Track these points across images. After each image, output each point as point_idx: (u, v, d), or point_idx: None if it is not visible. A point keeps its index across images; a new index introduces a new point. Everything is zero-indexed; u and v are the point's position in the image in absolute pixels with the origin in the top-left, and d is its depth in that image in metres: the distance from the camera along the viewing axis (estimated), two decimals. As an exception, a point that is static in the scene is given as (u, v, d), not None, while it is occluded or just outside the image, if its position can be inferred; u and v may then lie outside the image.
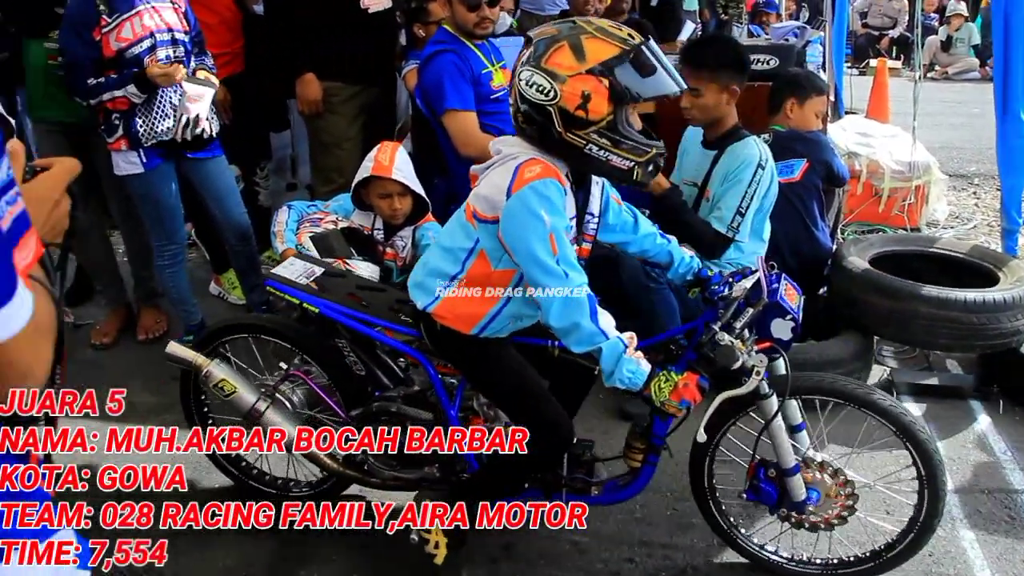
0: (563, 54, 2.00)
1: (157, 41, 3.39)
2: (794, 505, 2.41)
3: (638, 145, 2.06)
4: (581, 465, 2.53)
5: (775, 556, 2.57)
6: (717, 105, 3.23)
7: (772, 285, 2.28)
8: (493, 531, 2.71)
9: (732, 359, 2.10)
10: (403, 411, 2.56)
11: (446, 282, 2.25)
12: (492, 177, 2.13)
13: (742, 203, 3.16)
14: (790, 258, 3.64)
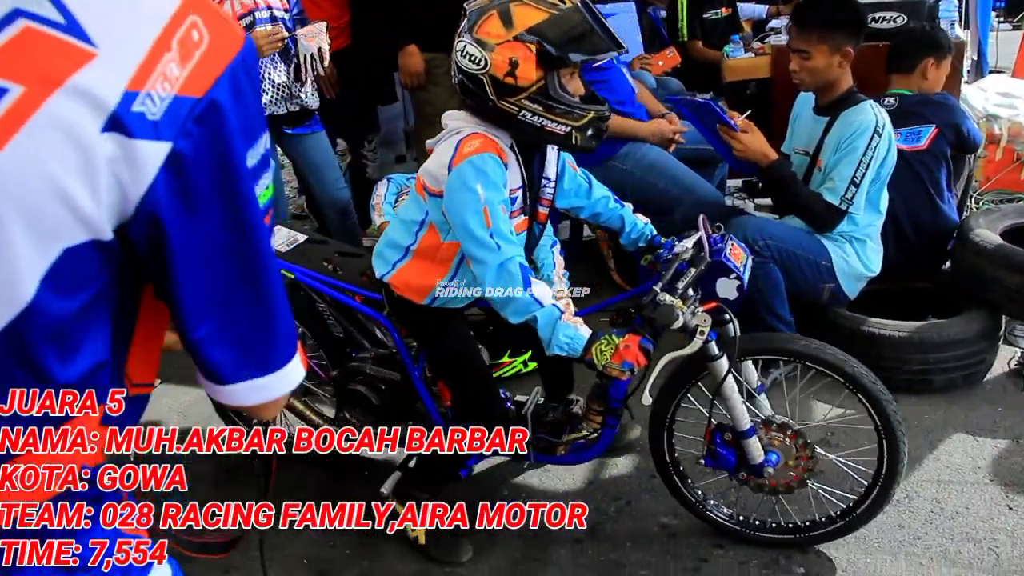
0: (492, 22, 2.02)
1: (256, 19, 3.45)
2: (753, 468, 2.37)
3: (572, 109, 2.06)
4: (544, 425, 2.58)
5: (744, 522, 2.52)
6: (828, 68, 3.03)
7: (716, 245, 2.28)
8: (579, 511, 2.69)
9: (671, 318, 2.07)
10: (374, 372, 2.65)
11: (400, 253, 2.32)
12: (437, 151, 2.18)
13: (856, 173, 2.95)
14: (911, 231, 3.40)
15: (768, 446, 2.37)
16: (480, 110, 2.12)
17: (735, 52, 4.71)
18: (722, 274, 2.25)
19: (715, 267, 2.24)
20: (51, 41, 0.67)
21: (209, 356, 0.83)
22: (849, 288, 3.14)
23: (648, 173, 3.64)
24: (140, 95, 0.68)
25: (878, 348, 3.11)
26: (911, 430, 2.90)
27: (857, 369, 2.31)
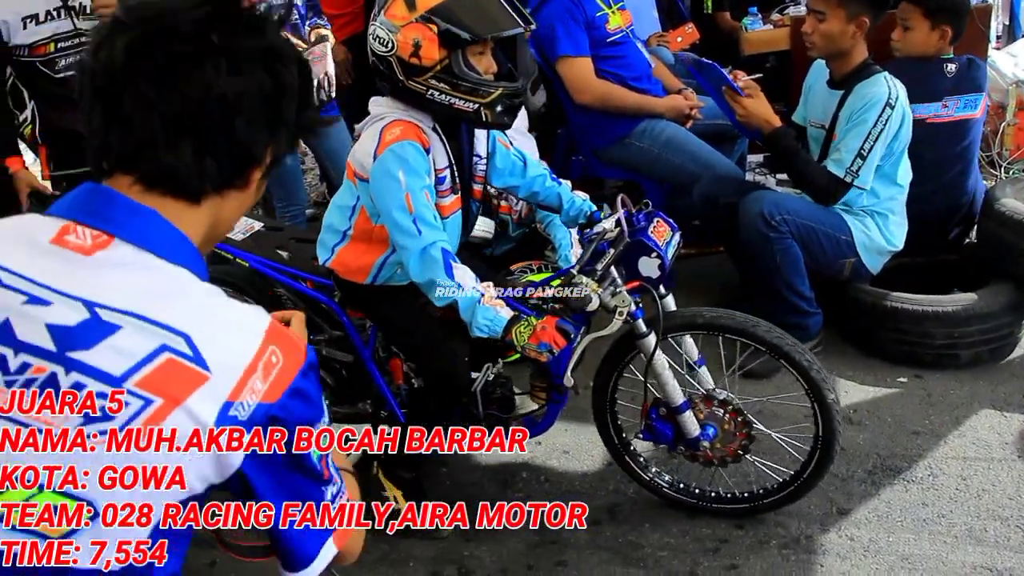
0: (397, 5, 2.06)
1: (271, 4, 3.43)
2: (689, 442, 2.41)
3: (477, 86, 2.10)
4: (494, 401, 2.61)
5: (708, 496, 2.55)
6: (841, 35, 2.95)
7: (640, 223, 2.29)
8: (597, 493, 2.68)
9: (584, 301, 2.09)
10: (328, 354, 2.69)
11: (338, 237, 2.38)
12: (363, 138, 2.22)
13: (863, 145, 2.88)
14: (941, 203, 3.32)
15: (706, 420, 2.41)
16: (394, 92, 2.16)
17: (753, 24, 4.64)
18: (643, 253, 2.26)
19: (636, 246, 2.26)
20: (182, 368, 0.97)
21: (292, 538, 1.13)
22: (871, 263, 3.08)
23: (665, 150, 3.59)
24: (235, 404, 0.99)
25: (901, 323, 3.06)
26: (935, 405, 2.87)
27: (793, 347, 2.32)
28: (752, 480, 2.56)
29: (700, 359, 2.47)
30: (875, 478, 2.62)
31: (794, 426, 2.53)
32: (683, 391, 2.39)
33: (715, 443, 2.42)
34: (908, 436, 2.77)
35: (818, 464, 2.38)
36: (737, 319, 2.36)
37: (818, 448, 2.36)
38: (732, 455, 2.43)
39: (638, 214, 2.33)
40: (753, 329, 2.33)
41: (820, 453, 2.36)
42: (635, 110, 3.61)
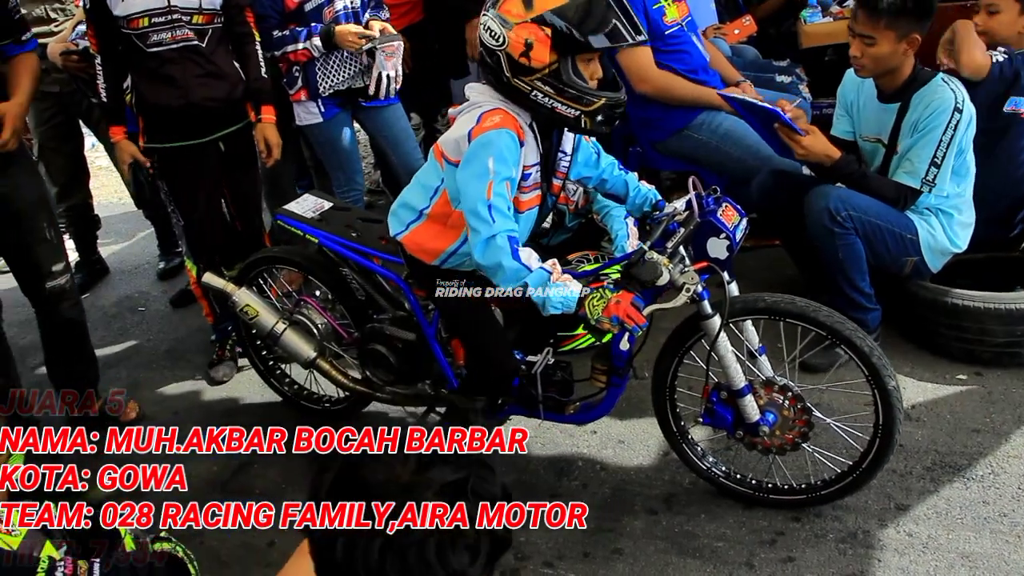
0: (514, 2, 2.08)
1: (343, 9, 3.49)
2: (749, 427, 2.41)
3: (583, 94, 2.12)
4: (554, 384, 2.64)
5: (764, 487, 2.56)
6: (892, 55, 2.87)
7: (709, 206, 2.32)
8: (653, 483, 2.70)
9: (654, 274, 2.12)
10: (392, 333, 2.80)
11: (415, 215, 2.43)
12: (459, 122, 2.25)
13: (936, 153, 2.84)
14: (1003, 200, 3.26)
15: (766, 406, 2.41)
16: (496, 84, 2.18)
17: (813, 17, 4.59)
18: (712, 234, 2.29)
19: (706, 227, 2.29)
20: None
21: None
22: (933, 263, 3.04)
23: (723, 142, 3.59)
24: None
25: (962, 320, 3.01)
26: (996, 403, 2.84)
27: (854, 332, 2.32)
28: (809, 471, 2.55)
29: (761, 347, 2.47)
30: (934, 475, 2.60)
31: (852, 416, 2.53)
32: (744, 376, 2.40)
33: (774, 430, 2.42)
34: (968, 434, 2.74)
35: (877, 454, 2.37)
36: (798, 304, 2.37)
37: (878, 437, 2.35)
38: (791, 443, 2.43)
39: (707, 197, 2.35)
40: (814, 314, 2.34)
41: (880, 442, 2.35)
42: (694, 101, 3.60)
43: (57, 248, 3.15)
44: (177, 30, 3.11)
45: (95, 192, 4.78)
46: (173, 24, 3.10)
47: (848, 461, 2.47)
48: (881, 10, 2.82)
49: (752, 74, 4.12)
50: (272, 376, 3.32)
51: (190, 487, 2.92)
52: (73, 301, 3.25)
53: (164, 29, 3.09)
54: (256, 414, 3.38)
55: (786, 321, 2.40)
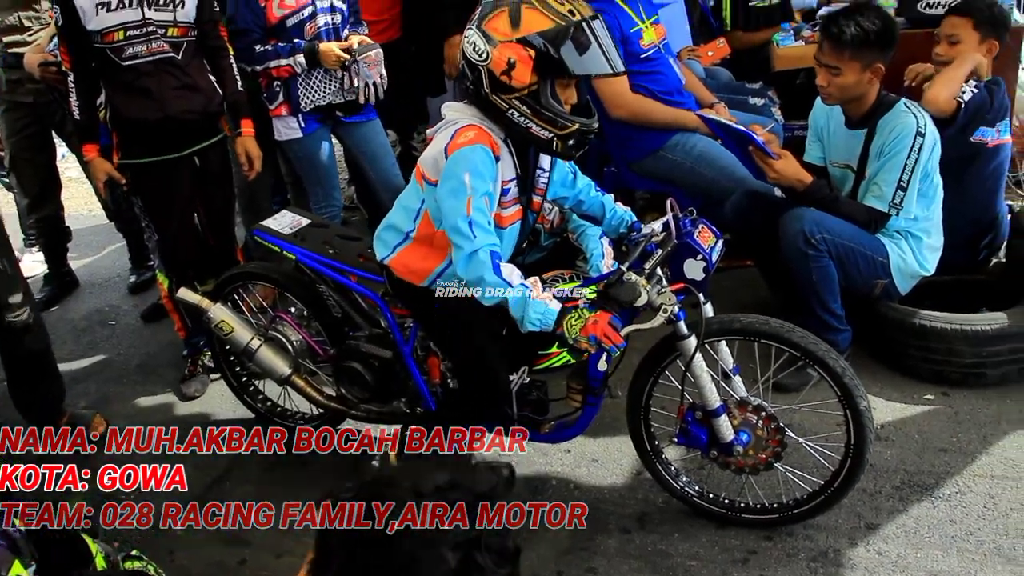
0: (501, 19, 2.09)
1: (317, 8, 3.50)
2: (723, 447, 2.44)
3: (557, 118, 2.14)
4: (529, 403, 2.67)
5: (737, 507, 2.58)
6: (857, 84, 2.96)
7: (686, 228, 2.35)
8: (626, 502, 2.71)
9: (633, 295, 2.15)
10: (368, 350, 2.79)
11: (400, 237, 2.45)
12: (435, 141, 2.26)
13: (902, 177, 2.91)
14: (970, 224, 3.34)
15: (740, 426, 2.44)
16: (475, 98, 2.20)
17: (785, 40, 4.65)
18: (689, 256, 2.32)
19: (683, 249, 2.33)
20: None
21: None
22: (902, 285, 3.10)
23: (697, 163, 3.63)
24: None
25: (929, 341, 3.07)
26: (962, 423, 2.89)
27: (827, 353, 2.36)
28: (781, 491, 2.58)
29: (735, 368, 2.50)
30: (903, 494, 2.64)
31: (824, 436, 2.57)
32: (718, 396, 2.42)
33: (748, 450, 2.45)
34: (935, 453, 2.79)
35: (849, 473, 2.41)
36: (772, 325, 2.40)
37: (849, 456, 2.39)
38: (764, 463, 2.46)
39: (684, 219, 2.38)
40: (788, 335, 2.37)
41: (851, 462, 2.39)
42: (669, 124, 3.65)
43: (12, 279, 3.06)
44: (152, 43, 3.10)
45: (65, 203, 4.72)
46: (148, 37, 3.09)
47: (819, 481, 2.50)
48: (845, 42, 2.90)
49: (725, 96, 4.18)
50: (245, 392, 3.31)
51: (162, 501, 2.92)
52: (35, 333, 3.17)
53: (139, 42, 3.08)
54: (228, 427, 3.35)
55: (760, 342, 2.43)
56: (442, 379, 2.72)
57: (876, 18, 2.93)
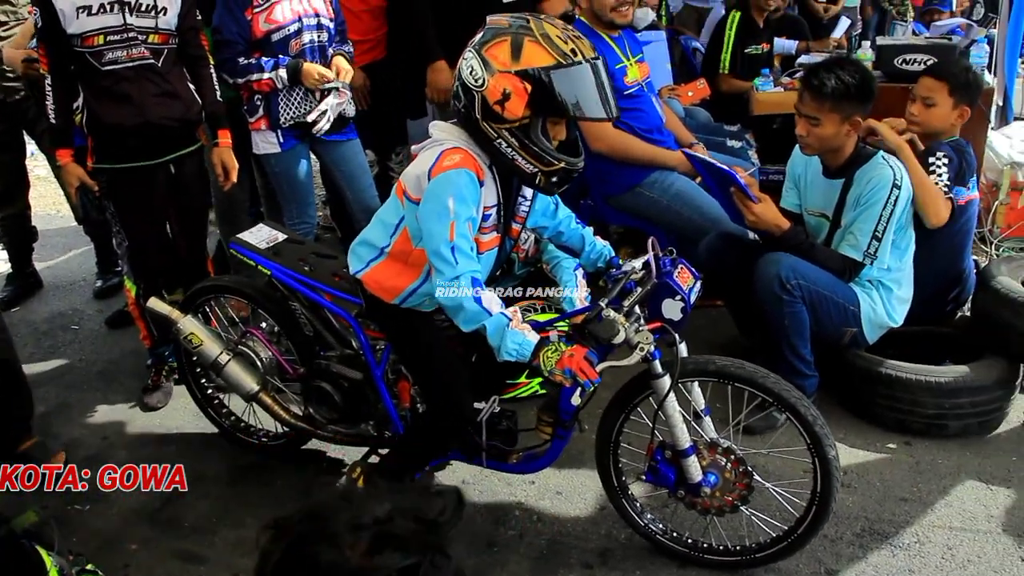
0: (501, 48, 2.07)
1: (304, 25, 3.49)
2: (691, 487, 2.44)
3: (544, 154, 2.14)
4: (498, 433, 2.66)
5: (700, 547, 2.58)
6: (836, 136, 3.02)
7: (665, 267, 2.37)
8: (589, 537, 2.71)
9: (611, 332, 2.14)
10: (338, 371, 2.76)
11: (375, 253, 2.42)
12: (420, 158, 2.25)
13: (877, 227, 2.97)
14: (937, 278, 3.39)
15: (708, 468, 2.44)
16: (465, 121, 2.18)
17: (764, 85, 4.74)
18: (668, 295, 2.34)
19: (662, 288, 2.34)
20: None
21: None
22: (870, 334, 3.16)
23: (674, 201, 3.67)
24: None
25: (894, 390, 3.12)
26: (923, 473, 2.93)
27: (799, 400, 2.37)
28: (744, 534, 2.59)
29: (706, 409, 2.51)
30: (863, 541, 2.66)
31: (790, 481, 2.58)
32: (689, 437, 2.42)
33: (715, 491, 2.45)
34: (896, 502, 2.82)
35: (813, 520, 2.42)
36: (747, 369, 2.41)
37: (815, 504, 2.40)
38: (730, 505, 2.46)
39: (664, 259, 2.39)
40: (762, 380, 2.38)
41: (817, 509, 2.40)
42: (647, 161, 3.69)
43: None
44: (133, 48, 3.08)
45: (33, 203, 4.65)
46: (129, 43, 3.08)
47: (784, 526, 2.51)
48: (825, 94, 2.96)
49: (704, 136, 4.24)
50: (210, 406, 3.26)
51: (118, 517, 2.87)
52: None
53: (120, 47, 3.07)
54: (189, 443, 3.31)
55: (734, 385, 2.44)
56: (412, 403, 2.71)
57: (856, 72, 2.99)
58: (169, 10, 3.15)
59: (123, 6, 3.04)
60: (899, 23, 7.24)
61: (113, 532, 2.82)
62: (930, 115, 3.28)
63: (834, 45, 5.98)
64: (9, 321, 4.17)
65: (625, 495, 2.62)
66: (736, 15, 5.24)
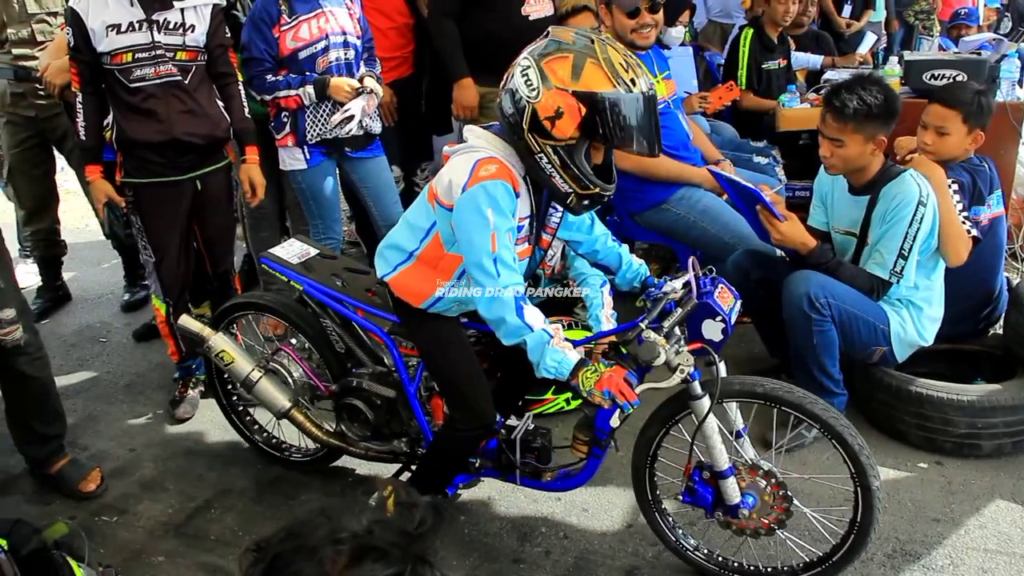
0: (562, 64, 2.04)
1: (331, 43, 3.52)
2: (729, 508, 2.40)
3: (583, 178, 2.12)
4: (533, 451, 2.63)
5: (729, 566, 2.56)
6: (861, 156, 3.00)
7: (705, 287, 2.33)
8: (616, 554, 2.69)
9: (652, 354, 2.12)
10: (371, 388, 2.75)
11: (404, 256, 2.40)
12: (453, 164, 2.21)
13: (904, 245, 2.94)
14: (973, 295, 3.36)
15: (747, 489, 2.40)
16: (508, 129, 2.15)
17: (790, 102, 4.73)
18: (708, 316, 2.30)
19: (702, 309, 2.30)
20: None
21: None
22: (899, 353, 3.12)
23: (701, 218, 3.65)
24: None
25: (925, 409, 3.08)
26: (956, 494, 2.89)
27: (846, 429, 2.33)
28: (777, 556, 2.56)
29: (743, 428, 2.46)
30: (895, 562, 2.62)
31: (828, 509, 2.53)
32: (728, 457, 2.39)
33: (752, 513, 2.41)
34: (928, 523, 2.78)
35: (849, 549, 2.38)
36: (796, 394, 2.37)
37: (853, 533, 2.36)
38: (766, 528, 2.42)
39: (704, 278, 2.35)
40: (811, 406, 2.34)
41: (854, 539, 2.36)
42: (674, 178, 3.68)
43: (3, 293, 2.77)
44: (160, 65, 3.11)
45: (62, 216, 4.70)
46: (156, 60, 3.10)
47: (817, 551, 2.47)
48: (848, 115, 2.94)
49: (730, 153, 4.23)
50: (240, 420, 3.26)
51: (145, 529, 2.88)
52: (32, 356, 2.90)
53: (147, 64, 3.09)
54: (216, 455, 3.32)
55: (781, 409, 2.39)
56: (445, 419, 2.68)
57: (878, 91, 2.96)
58: (197, 27, 3.18)
59: (151, 24, 3.07)
60: (925, 38, 7.19)
61: (140, 544, 2.82)
62: (944, 144, 3.22)
63: (860, 61, 5.95)
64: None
65: (658, 509, 2.58)
66: (749, 32, 5.23)
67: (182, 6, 3.12)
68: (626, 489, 2.95)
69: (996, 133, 3.53)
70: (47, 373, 3.03)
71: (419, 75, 4.43)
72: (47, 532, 2.04)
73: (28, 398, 3.00)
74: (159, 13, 3.08)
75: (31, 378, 2.93)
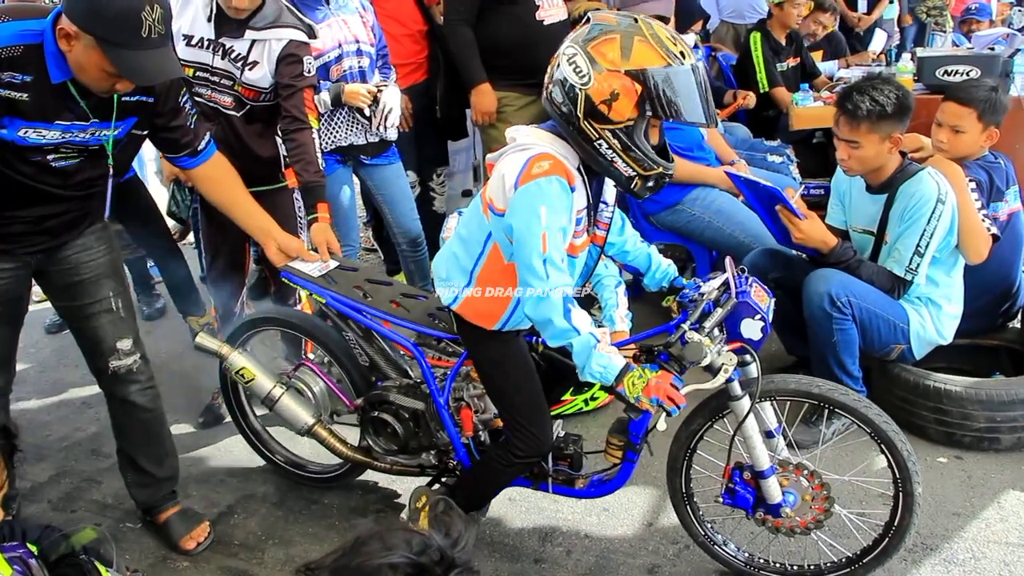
0: (611, 46, 1.98)
1: (344, 52, 3.55)
2: (770, 508, 2.39)
3: (646, 158, 2.05)
4: (565, 458, 2.61)
5: (756, 563, 2.56)
6: (877, 156, 3.01)
7: (741, 287, 2.29)
8: (637, 553, 2.70)
9: (699, 355, 2.11)
10: (398, 401, 2.72)
11: (465, 280, 2.33)
12: (503, 166, 2.14)
13: (920, 242, 2.94)
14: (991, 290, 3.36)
15: (788, 487, 2.39)
16: (563, 120, 2.08)
17: (804, 100, 4.74)
18: (747, 315, 2.26)
19: (741, 308, 2.26)
20: None
21: None
22: (918, 350, 3.13)
23: (716, 218, 3.67)
24: None
25: (943, 404, 3.08)
26: (976, 488, 2.88)
27: (882, 419, 2.33)
28: (803, 554, 2.55)
29: (778, 427, 2.44)
30: (915, 556, 2.62)
31: (862, 511, 2.53)
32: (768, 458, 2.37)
33: (792, 512, 2.39)
34: (949, 517, 2.78)
35: (882, 552, 2.38)
36: (850, 397, 2.38)
37: (888, 536, 2.36)
38: (803, 527, 2.41)
39: (739, 277, 2.33)
40: (864, 411, 2.34)
41: (888, 542, 2.36)
42: (688, 179, 3.69)
43: (124, 322, 2.65)
44: (215, 91, 3.09)
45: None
46: (212, 85, 3.08)
47: (847, 552, 2.47)
48: (861, 117, 2.95)
49: (744, 152, 4.24)
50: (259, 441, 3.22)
51: (169, 534, 2.91)
52: (144, 385, 2.73)
53: (203, 85, 3.08)
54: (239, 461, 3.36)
55: (832, 410, 2.40)
56: (475, 431, 2.63)
57: (889, 90, 2.96)
58: (260, 66, 3.07)
59: (216, 47, 3.04)
60: (938, 34, 7.18)
61: (165, 549, 2.85)
62: (959, 142, 3.22)
63: (872, 59, 5.95)
64: (61, 344, 4.28)
65: (690, 502, 2.56)
66: (757, 36, 5.24)
67: (254, 37, 3.03)
68: (646, 488, 2.97)
69: (1010, 128, 3.52)
70: (158, 405, 2.84)
71: (433, 81, 4.46)
72: (75, 538, 2.07)
73: (140, 433, 2.82)
74: (228, 39, 3.03)
75: (142, 408, 2.77)
